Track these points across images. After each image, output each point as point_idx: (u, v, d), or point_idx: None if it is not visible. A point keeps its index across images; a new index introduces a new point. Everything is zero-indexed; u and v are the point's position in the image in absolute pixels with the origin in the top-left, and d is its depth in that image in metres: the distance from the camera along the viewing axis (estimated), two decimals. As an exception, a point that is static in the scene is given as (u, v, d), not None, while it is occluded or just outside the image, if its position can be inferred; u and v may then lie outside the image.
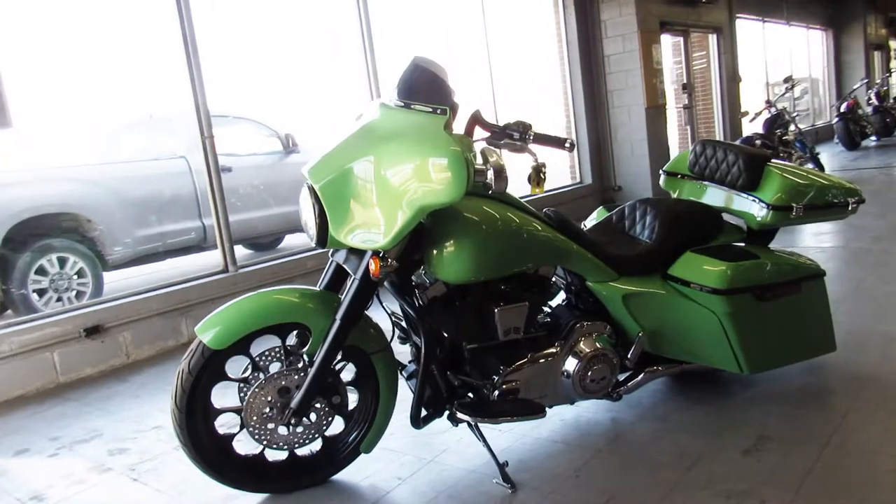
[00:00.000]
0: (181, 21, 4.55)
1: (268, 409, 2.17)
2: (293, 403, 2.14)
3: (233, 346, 2.13)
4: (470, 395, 2.34)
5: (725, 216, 2.69)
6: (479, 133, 2.13)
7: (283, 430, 2.21)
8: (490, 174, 1.85)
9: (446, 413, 2.28)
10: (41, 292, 5.45)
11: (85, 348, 3.98)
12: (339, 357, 2.23)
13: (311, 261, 5.16)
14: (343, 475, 2.37)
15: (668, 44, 8.74)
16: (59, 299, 5.51)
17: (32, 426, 3.25)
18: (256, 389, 2.14)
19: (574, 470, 2.27)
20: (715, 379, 2.80)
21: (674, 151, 8.21)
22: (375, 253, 2.05)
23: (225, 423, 2.26)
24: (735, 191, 2.65)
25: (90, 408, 3.43)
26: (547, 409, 2.43)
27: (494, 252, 2.17)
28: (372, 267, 2.03)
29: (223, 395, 2.24)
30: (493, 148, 1.97)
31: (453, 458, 2.43)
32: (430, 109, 1.97)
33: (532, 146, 2.04)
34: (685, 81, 8.78)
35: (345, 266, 2.20)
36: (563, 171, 7.93)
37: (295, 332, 2.23)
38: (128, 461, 2.72)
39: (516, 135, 2.03)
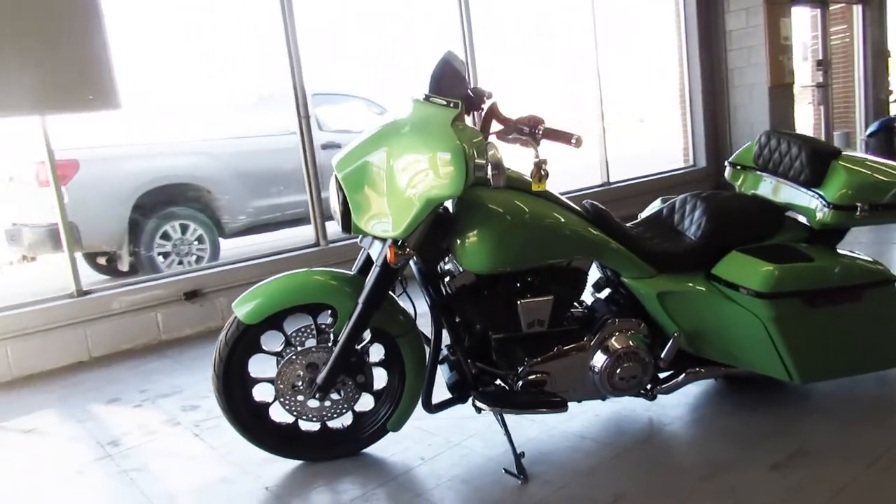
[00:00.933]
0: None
1: (298, 383, 2.31)
2: (319, 379, 2.27)
3: (265, 322, 2.28)
4: (497, 383, 2.37)
5: (794, 213, 2.53)
6: (496, 126, 2.13)
7: (312, 403, 2.35)
8: (489, 169, 1.86)
9: (470, 400, 2.32)
10: (165, 255, 6.00)
11: (185, 310, 4.35)
12: (365, 338, 2.34)
13: None
14: (373, 449, 2.49)
15: (804, 16, 8.08)
16: (179, 262, 6.04)
17: (129, 378, 3.63)
18: (287, 363, 2.29)
19: (591, 467, 2.25)
20: (769, 385, 2.64)
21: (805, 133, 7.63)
22: (394, 241, 2.12)
23: (262, 393, 2.42)
24: (798, 186, 2.48)
25: (180, 366, 3.77)
26: (576, 403, 2.43)
27: (518, 243, 2.18)
28: (388, 255, 2.10)
29: (264, 367, 2.41)
30: (494, 143, 1.96)
31: (479, 443, 2.47)
32: (445, 103, 2.01)
33: (545, 141, 2.02)
34: (821, 58, 8.09)
35: (370, 252, 2.29)
36: (675, 153, 7.60)
37: (329, 312, 2.36)
38: (195, 417, 2.99)
39: (525, 129, 2.02)
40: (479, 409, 2.33)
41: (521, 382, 2.29)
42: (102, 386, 3.55)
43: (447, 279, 2.29)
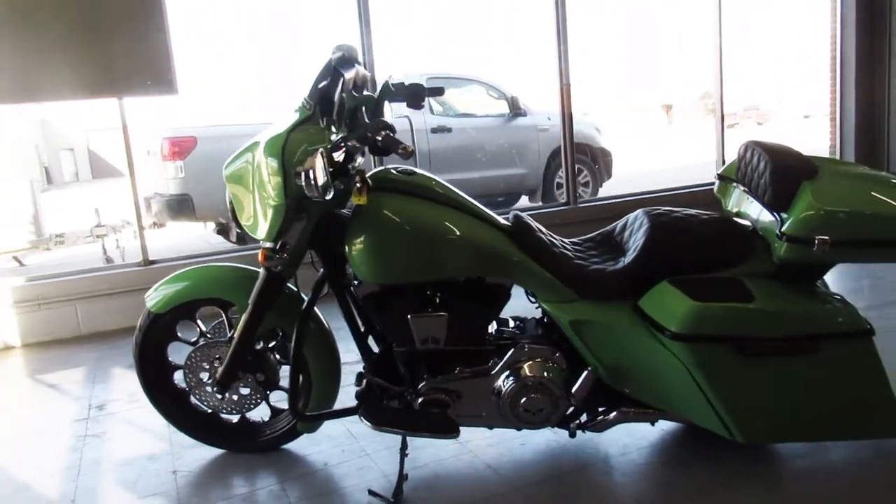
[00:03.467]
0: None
1: (204, 375, 2.35)
2: (217, 374, 2.29)
3: (174, 311, 2.34)
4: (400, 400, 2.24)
5: None
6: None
7: (219, 396, 2.38)
8: (302, 179, 1.74)
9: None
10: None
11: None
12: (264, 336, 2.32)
13: None
14: (296, 446, 2.47)
15: None
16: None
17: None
18: (193, 355, 2.34)
19: (472, 501, 2.07)
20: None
21: None
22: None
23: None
24: (767, 208, 2.06)
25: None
26: (490, 429, 2.24)
27: (406, 255, 2.04)
28: (259, 256, 2.06)
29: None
30: (320, 151, 1.81)
31: (387, 458, 2.36)
32: (301, 105, 1.91)
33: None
34: None
35: None
36: (821, 149, 6.67)
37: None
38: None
39: (369, 136, 1.85)
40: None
41: (420, 401, 2.16)
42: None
43: (354, 285, 2.20)
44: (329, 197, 1.79)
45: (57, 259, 6.99)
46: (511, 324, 2.32)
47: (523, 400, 2.10)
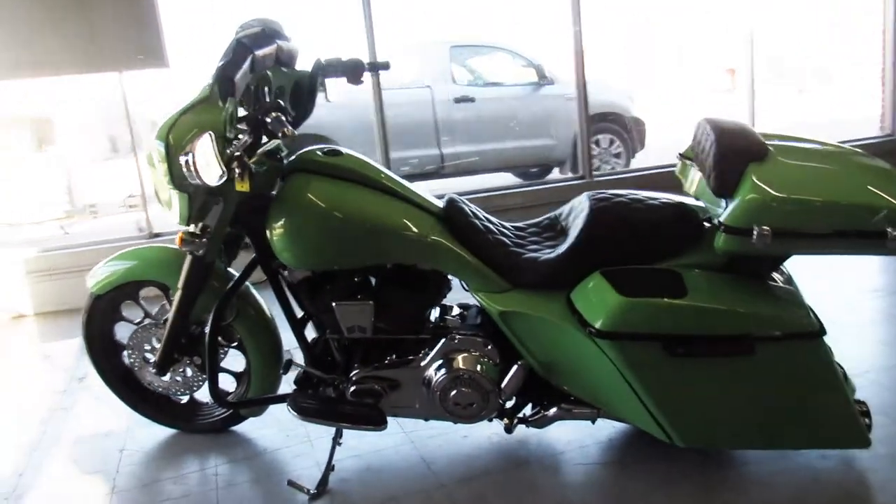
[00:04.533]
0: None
1: (148, 356, 2.34)
2: (155, 356, 2.28)
3: (115, 291, 2.33)
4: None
5: None
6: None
7: (164, 377, 2.37)
8: (182, 165, 1.67)
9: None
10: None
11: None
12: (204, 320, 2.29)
13: (517, 197, 5.06)
14: (247, 427, 2.46)
15: None
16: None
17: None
18: (134, 336, 2.33)
19: (391, 496, 2.01)
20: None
21: None
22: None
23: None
24: (713, 193, 1.89)
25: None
26: (426, 421, 2.16)
27: (327, 241, 1.97)
28: (177, 240, 2.02)
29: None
30: (206, 134, 1.71)
31: (324, 446, 2.31)
32: (207, 84, 1.84)
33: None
34: None
35: None
36: (869, 120, 6.23)
37: None
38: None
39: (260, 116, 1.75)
40: None
41: (352, 390, 2.10)
42: (134, 323, 3.93)
43: (285, 270, 2.14)
44: (217, 183, 1.71)
45: (91, 229, 7.20)
46: (455, 311, 2.22)
47: (453, 393, 2.02)
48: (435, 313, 2.20)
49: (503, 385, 1.99)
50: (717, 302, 1.75)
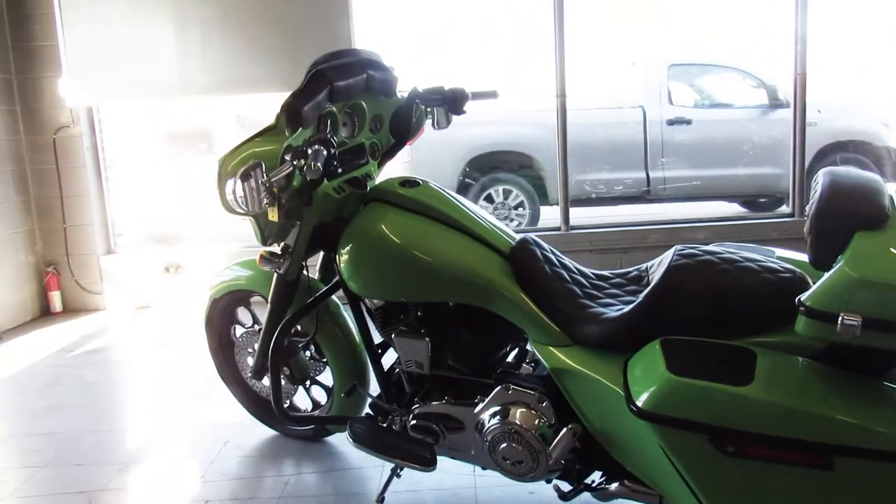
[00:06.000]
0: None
1: (250, 360, 2.50)
2: (253, 363, 2.42)
3: (228, 296, 2.51)
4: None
5: None
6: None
7: (260, 382, 2.51)
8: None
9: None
10: (484, 219, 6.47)
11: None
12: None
13: (655, 234, 4.70)
14: (339, 439, 2.53)
15: None
16: (497, 227, 6.45)
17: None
18: (240, 339, 2.51)
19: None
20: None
21: None
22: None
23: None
24: (812, 265, 1.53)
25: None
26: (484, 469, 2.05)
27: (386, 273, 1.95)
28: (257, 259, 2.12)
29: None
30: (249, 164, 1.73)
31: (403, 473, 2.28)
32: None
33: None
34: None
35: None
36: None
37: None
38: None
39: (301, 147, 1.74)
40: None
41: (412, 424, 2.06)
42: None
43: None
44: (255, 212, 1.77)
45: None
46: (530, 359, 2.07)
47: (503, 446, 1.88)
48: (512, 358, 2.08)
49: (550, 448, 1.81)
50: (786, 396, 1.41)
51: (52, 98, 4.43)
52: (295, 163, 1.74)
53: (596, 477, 1.91)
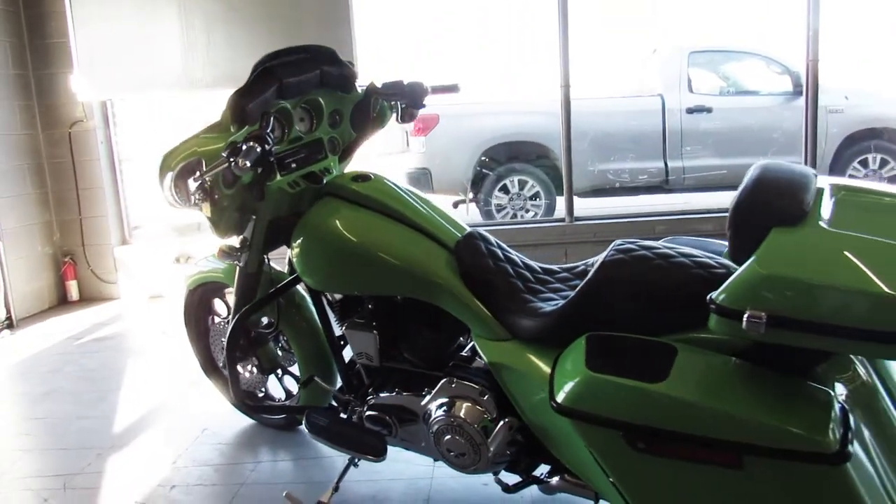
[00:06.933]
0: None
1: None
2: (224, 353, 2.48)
3: (202, 288, 2.58)
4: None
5: None
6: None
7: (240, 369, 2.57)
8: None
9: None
10: (500, 208, 6.45)
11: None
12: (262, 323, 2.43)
13: (660, 226, 4.62)
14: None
15: None
16: (513, 216, 6.42)
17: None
18: (214, 330, 2.57)
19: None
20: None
21: None
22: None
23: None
24: (730, 260, 1.51)
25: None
26: (435, 461, 2.07)
27: (333, 267, 1.98)
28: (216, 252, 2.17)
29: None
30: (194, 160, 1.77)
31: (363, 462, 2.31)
32: None
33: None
34: None
35: None
36: None
37: None
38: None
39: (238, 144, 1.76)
40: None
41: (365, 416, 2.09)
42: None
43: None
44: (191, 205, 1.81)
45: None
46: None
47: (446, 438, 1.89)
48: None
49: (489, 440, 1.82)
50: (698, 394, 1.39)
51: (66, 93, 4.57)
52: (231, 160, 1.77)
53: (544, 470, 1.91)
